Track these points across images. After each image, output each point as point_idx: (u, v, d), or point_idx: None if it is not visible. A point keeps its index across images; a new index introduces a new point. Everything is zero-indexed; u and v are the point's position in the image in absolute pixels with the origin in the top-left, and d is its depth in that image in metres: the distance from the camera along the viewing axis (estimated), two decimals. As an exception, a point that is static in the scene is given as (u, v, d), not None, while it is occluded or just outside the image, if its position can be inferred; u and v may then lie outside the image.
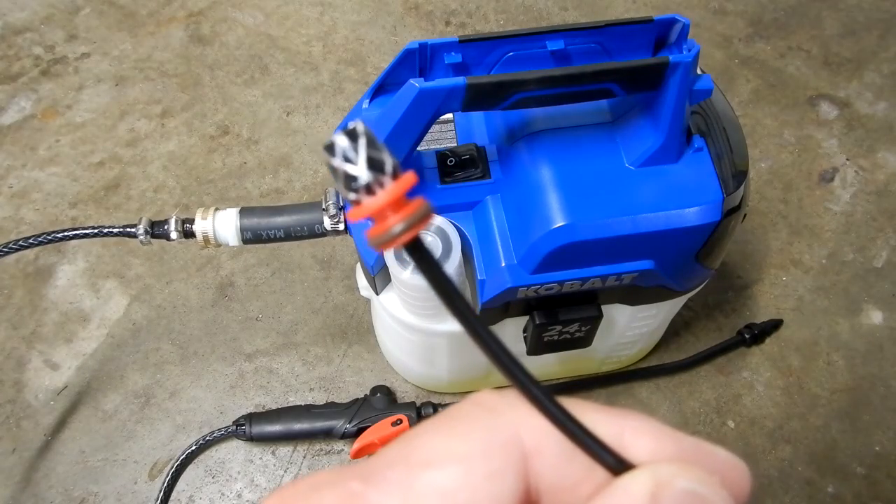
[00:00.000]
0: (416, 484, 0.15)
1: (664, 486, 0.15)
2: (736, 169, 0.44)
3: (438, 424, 0.16)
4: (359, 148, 0.14)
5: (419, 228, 0.15)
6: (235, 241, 0.49)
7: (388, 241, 0.15)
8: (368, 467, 0.15)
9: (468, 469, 0.15)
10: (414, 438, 0.16)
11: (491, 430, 0.16)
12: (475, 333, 0.16)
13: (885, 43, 0.87)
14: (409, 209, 0.15)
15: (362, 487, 0.15)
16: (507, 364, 0.16)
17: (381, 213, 0.15)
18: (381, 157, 0.14)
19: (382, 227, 0.15)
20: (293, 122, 0.80)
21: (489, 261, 0.44)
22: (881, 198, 0.76)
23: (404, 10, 0.89)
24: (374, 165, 0.14)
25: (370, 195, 0.15)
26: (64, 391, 0.65)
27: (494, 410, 0.16)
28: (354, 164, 0.14)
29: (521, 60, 0.40)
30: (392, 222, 0.15)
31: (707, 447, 0.17)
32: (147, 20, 0.87)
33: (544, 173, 0.42)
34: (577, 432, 0.16)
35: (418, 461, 0.15)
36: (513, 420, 0.16)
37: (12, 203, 0.75)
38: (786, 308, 0.70)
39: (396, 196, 0.14)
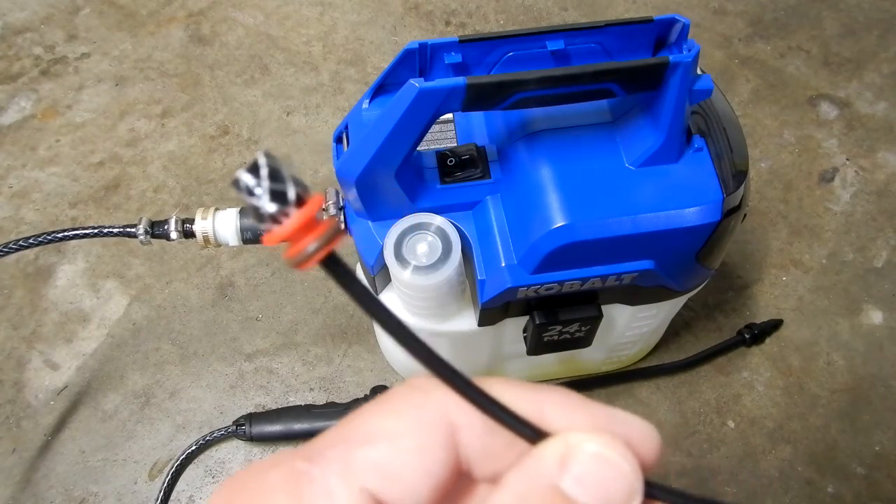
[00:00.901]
0: (353, 460, 0.16)
1: (573, 449, 0.17)
2: (736, 169, 0.44)
3: (375, 406, 0.18)
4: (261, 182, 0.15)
5: (331, 246, 0.16)
6: (235, 241, 0.49)
7: (302, 261, 0.16)
8: (312, 447, 0.17)
9: (400, 444, 0.16)
10: (353, 420, 0.17)
11: (421, 408, 0.17)
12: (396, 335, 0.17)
13: (885, 43, 0.87)
14: (319, 230, 0.16)
15: (306, 465, 0.16)
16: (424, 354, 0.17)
17: (294, 237, 0.16)
18: (283, 188, 0.15)
19: (296, 248, 0.16)
20: (293, 122, 0.80)
21: (489, 261, 0.44)
22: (881, 198, 0.76)
23: (404, 10, 0.89)
24: (276, 197, 0.15)
25: (277, 224, 0.16)
26: (64, 391, 0.65)
27: (426, 391, 0.18)
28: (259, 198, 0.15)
29: (521, 60, 0.40)
30: (305, 243, 0.16)
31: (619, 415, 0.18)
32: (147, 20, 0.87)
33: (544, 173, 0.42)
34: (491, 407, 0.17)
35: (356, 439, 0.17)
36: (442, 399, 0.17)
37: (12, 203, 0.75)
38: (786, 308, 0.70)
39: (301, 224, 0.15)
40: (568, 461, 0.16)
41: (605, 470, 0.16)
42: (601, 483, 0.16)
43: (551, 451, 0.17)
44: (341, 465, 0.16)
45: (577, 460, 0.16)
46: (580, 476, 0.16)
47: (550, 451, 0.17)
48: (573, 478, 0.16)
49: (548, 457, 0.17)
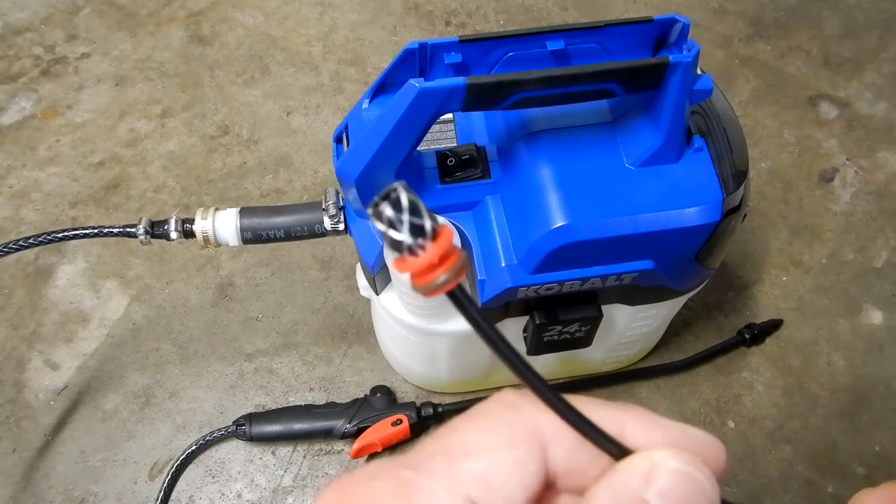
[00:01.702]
0: (456, 471, 0.17)
1: (657, 466, 0.18)
2: (736, 169, 0.44)
3: (469, 421, 0.19)
4: (402, 216, 0.16)
5: (459, 279, 0.17)
6: (235, 241, 0.49)
7: (433, 291, 0.17)
8: (414, 458, 0.18)
9: (498, 457, 0.18)
10: (449, 434, 0.18)
11: (514, 423, 0.18)
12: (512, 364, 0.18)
13: (885, 43, 0.87)
14: (450, 262, 0.17)
15: (412, 475, 0.17)
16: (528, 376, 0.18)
17: (429, 270, 0.17)
18: (422, 222, 0.16)
19: (428, 278, 0.17)
20: (293, 122, 0.80)
21: (489, 261, 0.44)
22: (881, 198, 0.76)
23: (404, 10, 0.89)
24: (415, 231, 0.16)
25: (413, 255, 0.17)
26: (64, 391, 0.65)
27: (516, 407, 0.19)
28: (398, 231, 0.16)
29: (521, 60, 0.40)
30: (436, 274, 0.17)
31: (690, 431, 0.20)
32: (147, 20, 0.87)
33: (544, 173, 0.42)
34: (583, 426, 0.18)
35: (456, 452, 0.18)
36: (532, 415, 0.19)
37: (12, 203, 0.75)
38: (786, 308, 0.70)
39: (436, 258, 0.16)
40: (653, 476, 0.18)
41: (687, 486, 0.18)
42: (684, 498, 0.17)
43: (637, 466, 0.18)
44: (446, 475, 0.17)
45: (661, 476, 0.18)
46: (664, 491, 0.17)
47: (636, 466, 0.18)
48: (657, 492, 0.17)
49: (634, 471, 0.18)
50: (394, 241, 0.17)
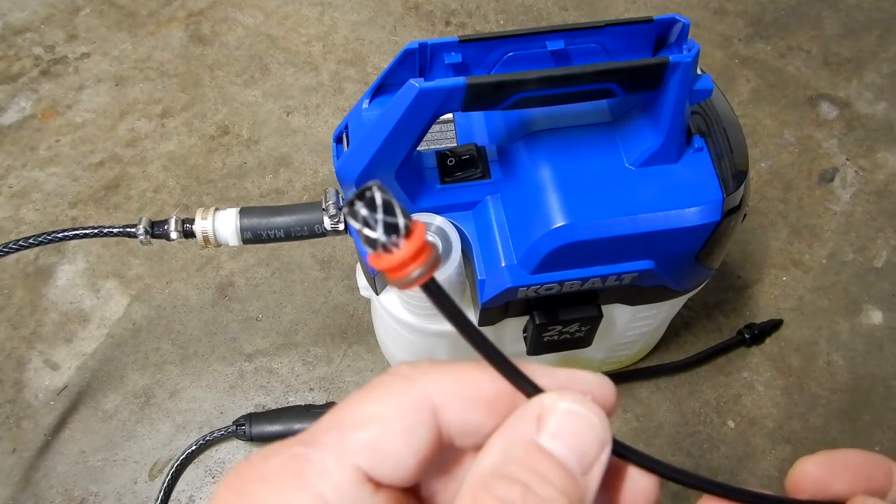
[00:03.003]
0: (346, 442, 0.18)
1: (547, 409, 0.19)
2: (736, 169, 0.44)
3: (363, 393, 0.19)
4: (376, 214, 0.17)
5: (432, 273, 0.18)
6: (235, 241, 0.49)
7: (407, 284, 0.18)
8: (307, 434, 0.19)
9: (388, 426, 0.18)
10: (344, 407, 0.19)
11: (405, 393, 0.19)
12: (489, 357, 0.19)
13: (885, 43, 0.87)
14: (423, 258, 0.17)
15: (304, 450, 0.18)
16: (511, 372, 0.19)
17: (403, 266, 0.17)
18: (395, 221, 0.17)
19: (402, 273, 0.18)
20: (293, 122, 0.80)
21: (489, 261, 0.44)
22: (881, 198, 0.76)
23: (404, 10, 0.89)
24: (389, 229, 0.17)
25: (387, 253, 0.17)
26: (64, 391, 0.65)
27: (408, 378, 0.20)
28: (372, 230, 0.17)
29: (521, 60, 0.40)
30: (410, 269, 0.17)
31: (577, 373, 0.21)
32: (147, 20, 0.87)
33: (544, 173, 0.42)
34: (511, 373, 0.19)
35: (348, 424, 0.18)
36: (424, 384, 0.19)
37: (12, 203, 0.75)
38: (786, 308, 0.70)
39: (409, 254, 0.17)
40: (544, 419, 0.18)
41: (578, 423, 0.18)
42: (575, 436, 0.18)
43: (528, 412, 0.19)
44: (336, 447, 0.18)
45: (552, 418, 0.18)
46: (556, 431, 0.18)
47: (527, 413, 0.19)
48: (550, 433, 0.18)
49: (526, 417, 0.19)
50: (369, 239, 0.17)
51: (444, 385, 0.19)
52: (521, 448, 0.18)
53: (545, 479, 0.17)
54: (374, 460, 0.18)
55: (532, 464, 0.18)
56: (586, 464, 0.18)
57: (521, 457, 0.18)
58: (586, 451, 0.18)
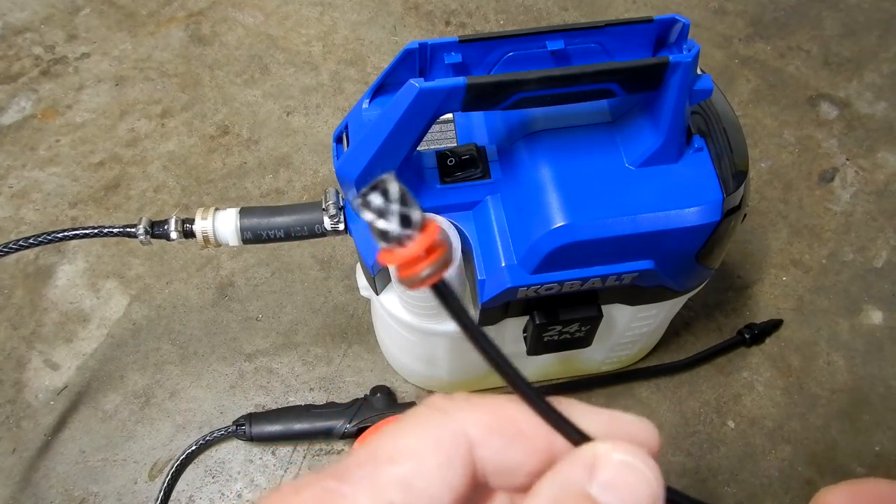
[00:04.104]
0: (380, 477, 0.18)
1: (600, 458, 0.18)
2: (736, 169, 0.44)
3: (398, 426, 0.19)
4: (391, 205, 0.16)
5: (443, 272, 0.17)
6: (235, 241, 0.49)
7: (417, 283, 0.17)
8: (341, 467, 0.18)
9: (422, 461, 0.18)
10: (378, 440, 0.19)
11: (440, 427, 0.19)
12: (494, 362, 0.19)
13: (885, 43, 0.87)
14: (435, 256, 0.17)
15: (336, 485, 0.18)
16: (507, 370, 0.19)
17: (415, 262, 0.17)
18: (411, 213, 0.16)
19: (412, 270, 0.17)
20: (293, 122, 0.80)
21: (489, 261, 0.44)
22: (881, 198, 0.76)
23: (404, 10, 0.89)
24: (404, 222, 0.16)
25: (401, 246, 0.16)
26: (64, 391, 0.65)
27: (444, 411, 0.19)
28: (387, 221, 0.16)
29: (521, 60, 0.40)
30: (420, 268, 0.17)
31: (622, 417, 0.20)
32: (147, 20, 0.87)
33: (544, 173, 0.42)
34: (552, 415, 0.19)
35: (382, 458, 0.18)
36: (460, 418, 0.19)
37: (12, 203, 0.75)
38: (786, 308, 0.70)
39: (422, 250, 0.16)
40: (597, 469, 0.18)
41: (632, 477, 0.18)
42: (629, 490, 0.18)
43: (580, 460, 0.18)
44: (370, 483, 0.17)
45: (605, 468, 0.18)
46: (608, 483, 0.18)
47: (579, 460, 0.18)
48: (602, 484, 0.18)
49: (577, 464, 0.18)
50: (381, 232, 0.16)
51: (481, 419, 0.19)
52: (572, 497, 0.18)
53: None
54: (408, 496, 0.17)
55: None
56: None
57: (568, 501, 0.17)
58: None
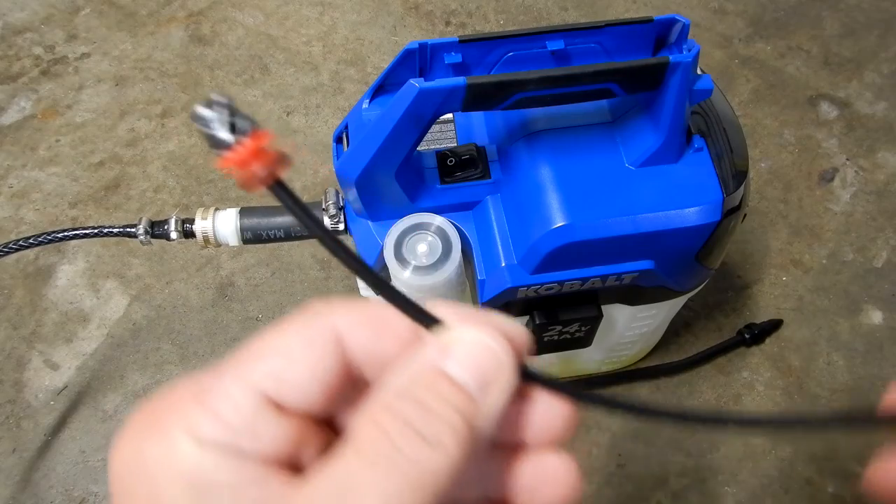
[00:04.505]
0: (253, 371, 0.19)
1: (453, 339, 0.19)
2: (736, 169, 0.44)
3: (272, 328, 0.20)
4: (218, 115, 0.18)
5: (277, 172, 0.19)
6: (235, 241, 0.49)
7: (254, 183, 0.18)
8: (217, 368, 0.19)
9: (292, 355, 0.19)
10: (251, 343, 0.20)
11: (311, 326, 0.20)
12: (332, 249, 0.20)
13: (885, 43, 0.87)
14: (267, 157, 0.18)
15: (210, 380, 0.19)
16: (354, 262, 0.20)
17: (245, 163, 0.18)
18: (238, 121, 0.18)
19: (246, 171, 0.18)
20: (293, 122, 0.80)
21: (489, 261, 0.44)
22: (881, 198, 0.76)
23: (404, 10, 0.89)
24: (234, 129, 0.18)
25: (233, 152, 0.18)
26: (64, 391, 0.65)
27: (315, 311, 0.20)
28: (217, 129, 0.18)
29: (521, 60, 0.40)
30: (254, 168, 0.18)
31: (493, 315, 0.21)
32: (147, 20, 0.87)
33: (544, 173, 0.42)
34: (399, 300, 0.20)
35: (254, 355, 0.19)
36: (329, 316, 0.20)
37: (12, 203, 0.75)
38: (786, 308, 0.70)
39: (251, 151, 0.18)
40: (449, 348, 0.19)
41: (481, 352, 0.19)
42: (477, 362, 0.19)
43: (436, 341, 0.19)
44: (241, 377, 0.19)
45: (456, 346, 0.19)
46: (460, 359, 0.19)
47: (434, 342, 0.19)
48: (454, 361, 0.19)
49: (432, 346, 0.19)
50: (214, 139, 0.18)
51: (350, 316, 0.20)
52: (424, 373, 0.19)
53: (444, 398, 0.18)
54: (279, 387, 0.19)
55: (433, 385, 0.18)
56: (486, 387, 0.19)
57: (422, 380, 0.19)
58: (488, 376, 0.19)
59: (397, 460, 0.17)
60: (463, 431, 0.18)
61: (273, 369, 0.19)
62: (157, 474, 0.17)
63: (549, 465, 0.21)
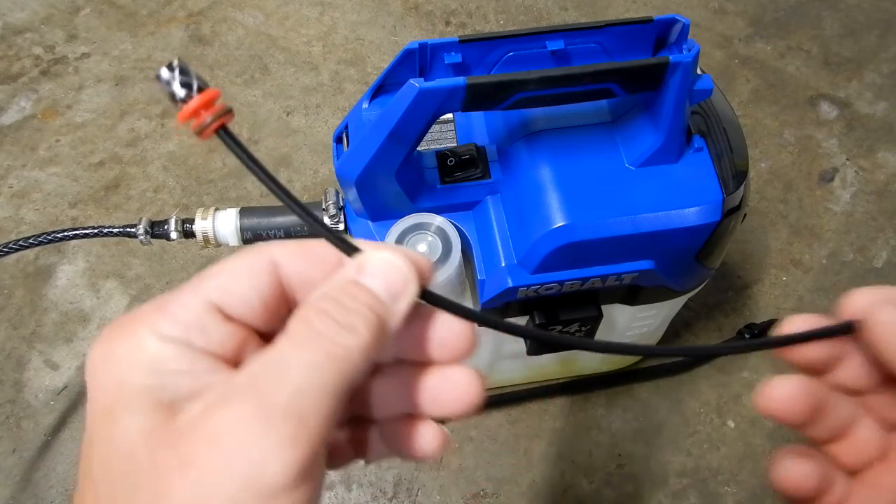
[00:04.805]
0: (204, 287, 0.23)
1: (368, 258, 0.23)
2: (736, 169, 0.44)
3: (222, 261, 0.24)
4: (175, 75, 0.22)
5: (224, 121, 0.22)
6: (235, 241, 0.49)
7: (202, 130, 0.22)
8: (175, 291, 0.23)
9: (235, 274, 0.23)
10: (204, 271, 0.24)
11: (252, 255, 0.24)
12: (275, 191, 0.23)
13: (885, 43, 0.87)
14: (215, 109, 0.22)
15: (167, 296, 0.23)
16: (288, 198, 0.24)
17: (195, 113, 0.22)
18: (190, 80, 0.22)
19: (198, 121, 0.22)
20: (293, 122, 0.80)
21: (489, 261, 0.44)
22: (881, 198, 0.76)
23: (404, 10, 0.89)
24: (185, 86, 0.22)
25: (186, 104, 0.22)
26: (64, 391, 0.65)
27: (257, 247, 0.24)
28: (173, 87, 0.22)
29: (521, 60, 0.40)
30: (203, 116, 0.22)
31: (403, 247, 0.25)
32: (147, 20, 0.87)
33: (544, 173, 0.42)
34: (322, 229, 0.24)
35: (206, 276, 0.23)
36: (268, 248, 0.24)
37: (12, 203, 0.75)
38: (786, 308, 0.70)
39: (201, 103, 0.22)
40: (364, 265, 0.23)
41: (390, 267, 0.23)
42: (386, 275, 0.23)
43: (352, 262, 0.23)
44: (193, 293, 0.23)
45: (370, 263, 0.23)
46: (371, 272, 0.23)
47: (352, 263, 0.23)
48: (367, 273, 0.23)
49: (349, 265, 0.23)
50: (170, 95, 0.22)
51: (287, 248, 0.24)
52: (343, 282, 0.23)
53: (357, 298, 0.22)
54: (224, 296, 0.23)
55: (349, 290, 0.22)
56: (393, 295, 0.23)
57: (341, 287, 0.23)
58: (394, 286, 0.23)
59: (318, 340, 0.21)
60: (373, 322, 0.22)
61: (220, 284, 0.23)
62: (125, 365, 0.21)
63: (452, 376, 0.25)
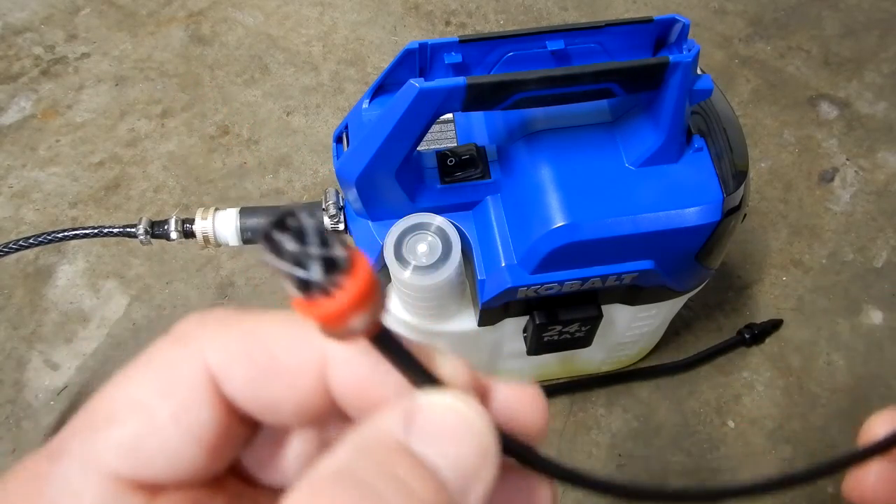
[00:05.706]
0: (97, 446, 0.14)
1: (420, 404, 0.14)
2: (736, 169, 0.44)
3: (124, 372, 0.15)
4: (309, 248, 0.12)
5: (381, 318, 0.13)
6: (235, 241, 0.49)
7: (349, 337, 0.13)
8: (55, 442, 0.15)
9: (151, 414, 0.14)
10: (100, 395, 0.15)
11: (174, 366, 0.15)
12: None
13: (885, 43, 0.87)
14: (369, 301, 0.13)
15: (47, 466, 0.14)
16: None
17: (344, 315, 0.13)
18: (333, 253, 0.13)
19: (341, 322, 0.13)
20: (293, 122, 0.80)
21: (489, 261, 0.44)
22: (881, 198, 0.76)
23: (404, 10, 0.89)
24: (328, 265, 0.12)
25: (326, 296, 0.13)
26: (64, 391, 0.65)
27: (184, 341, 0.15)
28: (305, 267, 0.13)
29: (521, 60, 0.40)
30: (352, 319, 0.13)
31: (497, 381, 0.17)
32: (147, 20, 0.87)
33: (544, 173, 0.42)
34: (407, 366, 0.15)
35: (100, 420, 0.14)
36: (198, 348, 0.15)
37: (12, 203, 0.75)
38: (786, 308, 0.70)
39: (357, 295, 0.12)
40: (413, 415, 0.14)
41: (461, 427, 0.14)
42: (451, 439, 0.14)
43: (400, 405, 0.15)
44: (83, 457, 0.14)
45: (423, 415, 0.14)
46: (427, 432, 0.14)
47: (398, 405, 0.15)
48: (419, 433, 0.14)
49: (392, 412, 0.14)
50: (300, 281, 0.13)
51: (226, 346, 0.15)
52: (382, 449, 0.14)
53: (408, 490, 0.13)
54: (137, 461, 0.14)
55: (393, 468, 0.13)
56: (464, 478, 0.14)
57: (379, 458, 0.13)
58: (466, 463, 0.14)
59: None
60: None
61: (126, 438, 0.14)
62: None
63: None
